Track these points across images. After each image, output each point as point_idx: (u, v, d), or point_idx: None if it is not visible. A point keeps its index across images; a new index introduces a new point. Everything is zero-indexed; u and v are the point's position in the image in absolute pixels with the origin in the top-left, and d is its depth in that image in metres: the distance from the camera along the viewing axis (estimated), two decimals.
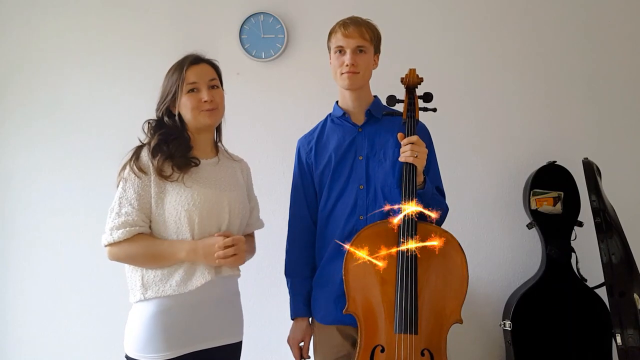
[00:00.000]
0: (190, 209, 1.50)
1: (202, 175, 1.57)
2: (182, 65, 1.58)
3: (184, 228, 1.51)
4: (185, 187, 1.51)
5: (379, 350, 1.56)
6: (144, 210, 1.51)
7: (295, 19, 2.58)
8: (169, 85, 1.58)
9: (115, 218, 1.49)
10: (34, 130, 2.59)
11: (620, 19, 2.59)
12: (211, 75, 1.61)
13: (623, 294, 1.99)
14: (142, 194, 1.50)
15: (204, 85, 1.58)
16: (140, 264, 1.52)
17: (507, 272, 2.54)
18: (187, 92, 1.56)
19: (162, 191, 1.51)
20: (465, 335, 2.42)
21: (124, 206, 1.49)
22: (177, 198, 1.50)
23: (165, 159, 1.51)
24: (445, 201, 1.78)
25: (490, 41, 2.60)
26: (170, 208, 1.50)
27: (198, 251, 1.50)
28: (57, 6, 2.60)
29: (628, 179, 2.55)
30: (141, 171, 1.50)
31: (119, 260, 1.52)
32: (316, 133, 1.85)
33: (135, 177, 1.50)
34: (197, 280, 1.51)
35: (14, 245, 2.57)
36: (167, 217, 1.51)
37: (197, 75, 1.57)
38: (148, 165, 1.52)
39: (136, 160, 1.52)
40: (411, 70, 1.71)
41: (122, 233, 1.47)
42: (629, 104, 2.58)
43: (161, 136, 1.55)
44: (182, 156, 1.53)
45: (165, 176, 1.50)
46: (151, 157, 1.52)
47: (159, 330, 1.48)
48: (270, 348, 2.46)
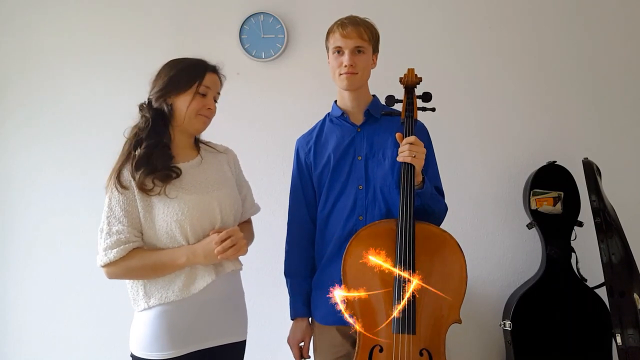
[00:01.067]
0: (180, 218, 1.49)
1: (186, 181, 1.55)
2: (203, 67, 1.59)
3: (177, 237, 1.50)
4: (170, 199, 1.50)
5: (377, 350, 1.56)
6: (134, 225, 1.49)
7: (295, 19, 2.59)
8: (181, 78, 1.56)
9: (106, 238, 1.48)
10: (34, 130, 2.59)
11: (621, 18, 2.59)
12: (219, 88, 1.65)
13: (623, 294, 1.99)
14: (129, 209, 1.49)
15: (212, 94, 1.61)
16: (141, 277, 1.51)
17: (507, 272, 2.54)
18: (197, 93, 1.56)
19: (149, 205, 1.50)
20: (465, 335, 2.42)
21: (114, 225, 1.48)
22: (164, 210, 1.49)
23: (147, 174, 1.49)
24: (444, 201, 1.77)
25: (489, 41, 2.60)
26: (160, 221, 1.49)
27: (197, 253, 1.49)
28: (57, 6, 2.60)
29: (628, 179, 2.55)
30: (123, 187, 1.49)
31: (119, 278, 1.51)
32: (315, 133, 1.85)
33: (118, 195, 1.49)
34: (199, 283, 1.51)
35: (14, 245, 2.58)
36: (158, 229, 1.50)
37: (212, 83, 1.60)
38: (129, 180, 1.50)
39: (117, 177, 1.50)
40: (410, 70, 1.71)
41: (117, 252, 1.46)
42: (629, 103, 2.58)
43: (147, 148, 1.52)
44: (163, 168, 1.51)
45: (146, 190, 1.49)
46: (133, 171, 1.49)
47: (164, 329, 1.49)
48: (271, 348, 2.46)
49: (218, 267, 1.55)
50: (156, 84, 1.58)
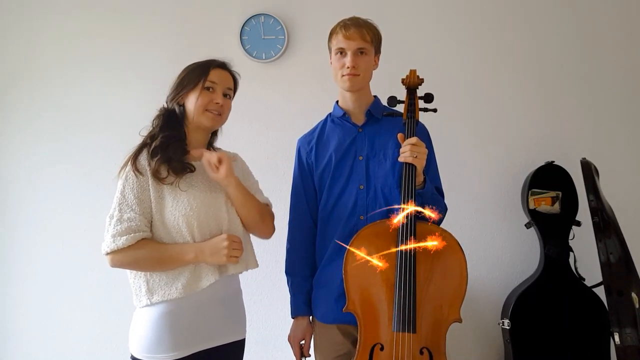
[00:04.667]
0: (188, 214, 1.50)
1: (198, 179, 1.57)
2: (208, 65, 1.61)
3: (184, 232, 1.51)
4: (181, 192, 1.51)
5: (378, 348, 1.57)
6: (146, 214, 1.50)
7: (296, 20, 2.60)
8: (189, 78, 1.60)
9: (117, 224, 1.47)
10: (36, 131, 2.60)
11: (619, 19, 2.61)
12: (230, 84, 1.65)
13: (621, 293, 2.00)
14: (142, 197, 1.50)
15: (221, 89, 1.62)
16: (145, 269, 1.51)
17: (505, 271, 2.55)
18: (203, 89, 1.58)
19: (161, 196, 1.51)
20: (464, 333, 2.43)
21: (125, 212, 1.48)
22: (173, 204, 1.50)
23: (163, 162, 1.51)
24: (444, 201, 1.79)
25: (489, 42, 2.61)
26: (168, 214, 1.50)
27: (205, 251, 1.50)
28: (58, 10, 2.61)
29: (626, 179, 2.56)
30: (139, 172, 1.50)
31: (122, 267, 1.50)
32: (316, 133, 1.86)
33: (134, 181, 1.49)
34: (203, 281, 1.51)
35: (15, 244, 2.58)
36: (167, 222, 1.51)
37: (219, 78, 1.61)
38: (145, 167, 1.52)
39: (134, 162, 1.52)
40: (412, 71, 1.72)
41: (126, 239, 1.45)
42: (627, 104, 2.60)
43: (164, 139, 1.55)
44: (179, 161, 1.53)
45: (160, 178, 1.50)
46: (149, 158, 1.52)
47: (166, 331, 1.48)
48: (271, 346, 2.48)
49: (222, 267, 1.56)
50: (171, 89, 1.62)
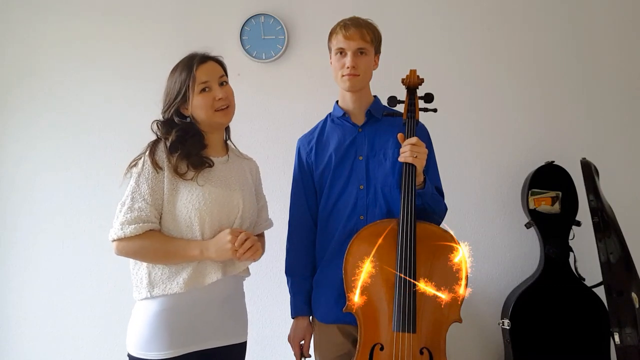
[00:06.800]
0: (202, 207, 1.48)
1: (214, 174, 1.55)
2: (190, 65, 1.54)
3: (194, 227, 1.49)
4: (198, 186, 1.50)
5: (378, 348, 1.57)
6: (157, 206, 1.49)
7: (296, 20, 2.60)
8: (178, 85, 1.55)
9: (127, 212, 1.46)
10: (36, 132, 2.59)
11: (619, 20, 2.61)
12: (220, 72, 1.60)
13: (621, 293, 2.00)
14: (156, 189, 1.48)
15: (215, 83, 1.57)
16: (148, 260, 1.49)
17: (505, 271, 2.55)
18: (200, 92, 1.54)
19: (175, 188, 1.50)
20: (464, 333, 2.43)
21: (137, 201, 1.47)
22: (188, 197, 1.48)
23: (183, 157, 1.50)
24: (444, 201, 1.79)
25: (489, 43, 2.61)
26: (181, 206, 1.49)
27: (210, 248, 1.48)
28: (59, 12, 2.61)
29: (626, 179, 2.56)
30: (157, 166, 1.49)
31: (126, 255, 1.49)
32: (316, 133, 1.86)
33: (150, 172, 1.48)
34: (206, 278, 1.50)
35: (16, 245, 2.58)
36: (178, 215, 1.49)
37: (208, 74, 1.56)
38: (163, 161, 1.50)
39: (152, 154, 1.50)
40: (412, 71, 1.72)
41: (134, 228, 1.44)
42: (627, 104, 2.60)
43: (179, 132, 1.52)
44: (198, 155, 1.52)
45: (180, 174, 1.49)
46: (168, 153, 1.50)
47: (163, 328, 1.47)
48: (271, 347, 2.48)
49: (226, 267, 1.54)
50: (163, 100, 1.59)
